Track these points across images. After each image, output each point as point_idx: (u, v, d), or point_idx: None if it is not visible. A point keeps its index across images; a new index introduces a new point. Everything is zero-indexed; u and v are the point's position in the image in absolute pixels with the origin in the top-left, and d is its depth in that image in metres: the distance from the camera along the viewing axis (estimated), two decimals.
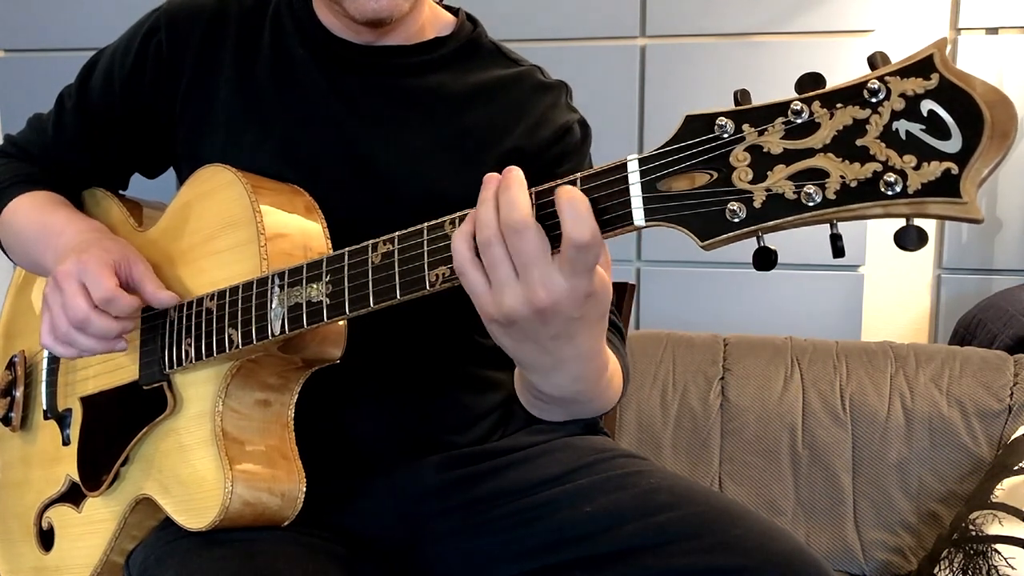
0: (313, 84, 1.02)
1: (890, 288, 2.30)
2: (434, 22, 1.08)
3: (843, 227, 2.27)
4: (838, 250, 0.62)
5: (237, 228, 0.93)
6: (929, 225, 2.24)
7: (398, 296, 0.78)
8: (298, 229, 0.93)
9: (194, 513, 0.90)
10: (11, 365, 1.19)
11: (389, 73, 1.04)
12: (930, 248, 2.26)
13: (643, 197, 0.66)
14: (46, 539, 1.08)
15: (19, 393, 1.16)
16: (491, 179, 0.73)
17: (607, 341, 0.96)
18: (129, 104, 1.07)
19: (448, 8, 1.13)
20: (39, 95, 1.32)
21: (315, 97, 1.02)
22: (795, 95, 0.61)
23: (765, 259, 0.63)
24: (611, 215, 0.68)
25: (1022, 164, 2.16)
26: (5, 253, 1.16)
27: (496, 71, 1.07)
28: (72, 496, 1.05)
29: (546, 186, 0.72)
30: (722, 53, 2.23)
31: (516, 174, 0.72)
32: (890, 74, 0.57)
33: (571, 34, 2.32)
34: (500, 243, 0.71)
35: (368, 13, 0.95)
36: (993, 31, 2.14)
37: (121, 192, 1.17)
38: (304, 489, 0.92)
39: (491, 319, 0.75)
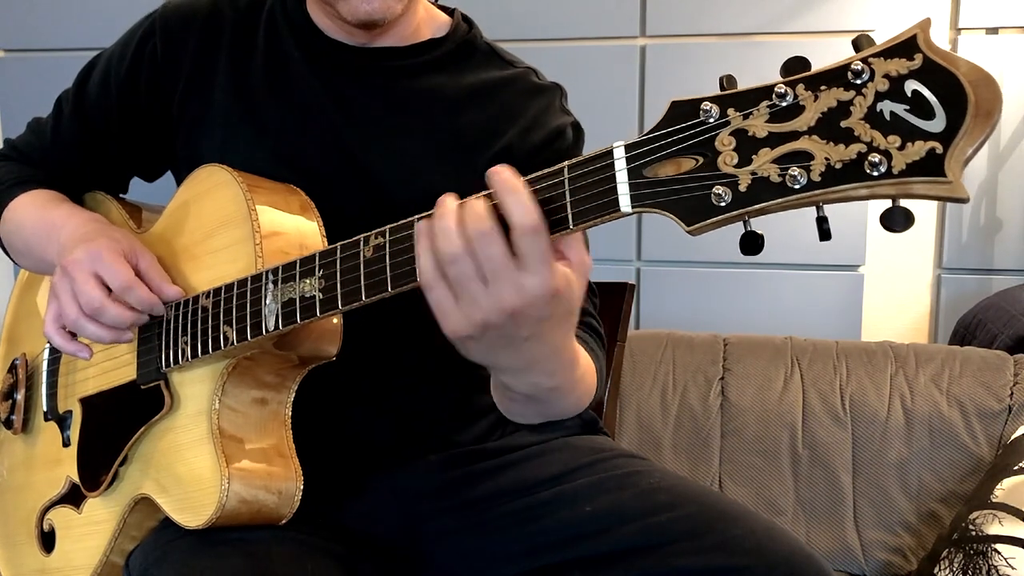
0: (307, 86, 1.03)
1: (890, 288, 2.30)
2: (429, 23, 1.08)
3: (843, 227, 2.26)
4: (824, 232, 0.61)
5: (233, 227, 0.93)
6: (929, 225, 2.24)
7: (389, 288, 0.78)
8: (294, 228, 0.93)
9: (191, 511, 0.90)
10: (13, 368, 1.19)
11: (383, 75, 1.04)
12: (930, 248, 2.26)
13: (629, 183, 0.66)
14: (47, 541, 1.08)
15: (20, 396, 1.16)
16: (446, 196, 0.72)
17: (583, 343, 0.95)
18: (126, 108, 1.07)
19: (444, 8, 1.13)
20: (39, 95, 1.32)
21: (309, 99, 1.02)
22: (780, 78, 0.61)
23: (752, 244, 0.63)
24: (598, 202, 0.68)
25: (1022, 164, 2.16)
26: (7, 254, 1.16)
27: (491, 73, 1.07)
28: (72, 497, 1.05)
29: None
30: (722, 53, 2.23)
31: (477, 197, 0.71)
32: (874, 55, 0.57)
33: (571, 34, 2.32)
34: (468, 256, 0.69)
35: (360, 15, 0.96)
36: (993, 31, 2.14)
37: (121, 196, 1.17)
38: (301, 487, 0.92)
39: (463, 335, 0.73)
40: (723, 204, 0.62)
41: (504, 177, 0.68)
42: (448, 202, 0.71)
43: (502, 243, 0.68)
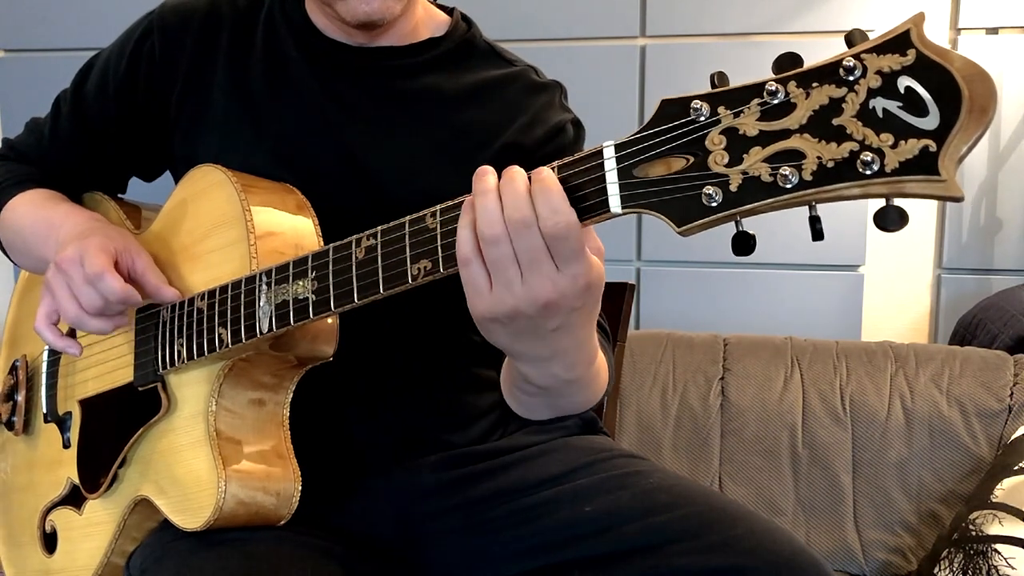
0: (306, 86, 1.03)
1: (890, 288, 2.29)
2: (428, 22, 1.08)
3: (842, 227, 2.26)
4: (817, 232, 0.60)
5: (228, 227, 0.93)
6: (929, 225, 2.24)
7: (381, 290, 0.77)
8: (289, 228, 0.93)
9: (189, 513, 0.90)
10: (14, 370, 1.19)
11: (382, 75, 1.04)
12: (930, 248, 2.26)
13: (619, 184, 0.66)
14: (49, 542, 1.08)
15: (21, 397, 1.16)
16: (486, 170, 0.72)
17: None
18: (124, 108, 1.07)
19: (443, 8, 1.13)
20: (39, 95, 1.32)
21: (308, 99, 1.02)
22: (771, 75, 0.60)
23: (743, 244, 0.63)
24: (588, 203, 0.68)
25: (1022, 164, 2.16)
26: (6, 254, 1.16)
27: (490, 71, 1.07)
28: (73, 499, 1.06)
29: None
30: (722, 53, 2.23)
31: (518, 170, 0.71)
32: (866, 51, 0.56)
33: (571, 34, 2.32)
34: (508, 241, 0.69)
35: (360, 16, 0.96)
36: (993, 31, 2.14)
37: (119, 196, 1.17)
38: (299, 488, 0.92)
39: (491, 317, 0.74)
40: (714, 204, 0.61)
41: (541, 176, 0.69)
42: (489, 179, 0.71)
43: (540, 233, 0.69)
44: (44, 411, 1.12)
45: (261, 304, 0.85)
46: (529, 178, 0.70)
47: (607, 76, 2.29)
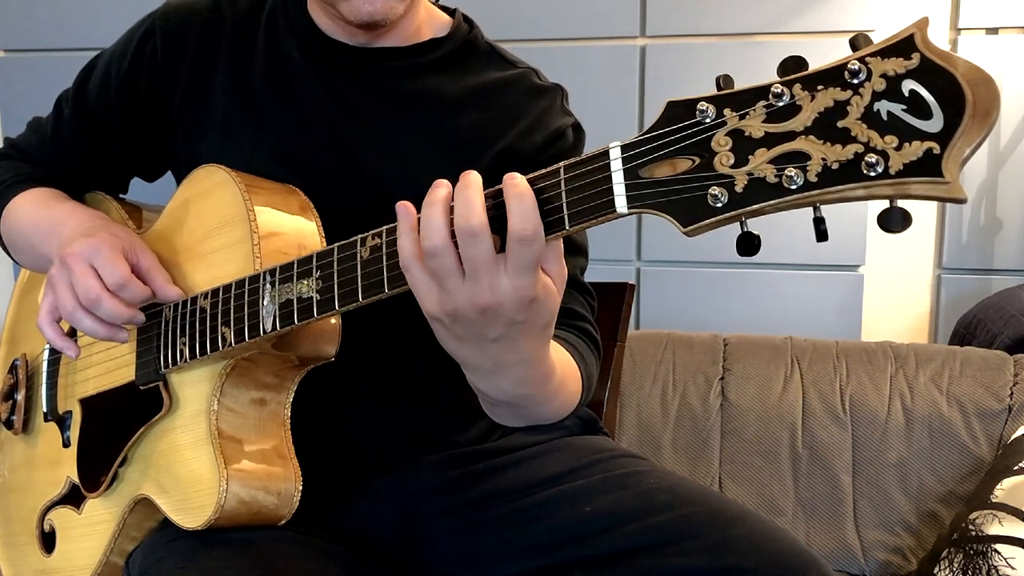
0: (308, 86, 1.03)
1: (890, 288, 2.30)
2: (430, 23, 1.08)
3: (843, 227, 2.26)
4: (821, 233, 0.61)
5: (231, 227, 0.93)
6: (929, 225, 2.24)
7: (386, 290, 0.78)
8: (292, 228, 0.93)
9: (190, 512, 0.90)
10: (13, 368, 1.19)
11: (384, 75, 1.04)
12: (930, 248, 2.26)
13: (625, 184, 0.66)
14: (48, 541, 1.08)
15: (21, 396, 1.16)
16: (439, 183, 0.72)
17: (570, 346, 0.96)
18: (126, 108, 1.07)
19: (445, 9, 1.13)
20: (39, 95, 1.32)
21: (310, 99, 1.02)
22: (776, 78, 0.60)
23: (748, 244, 0.63)
24: (594, 203, 0.68)
25: (1022, 164, 2.16)
26: (8, 253, 1.16)
27: (492, 73, 1.07)
28: (73, 498, 1.05)
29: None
30: (722, 53, 2.24)
31: (474, 177, 0.71)
32: (871, 55, 0.57)
33: (571, 34, 2.32)
34: (450, 252, 0.69)
35: (363, 15, 0.96)
36: (993, 31, 2.14)
37: (121, 196, 1.17)
38: (300, 488, 0.92)
39: (434, 318, 0.74)
40: (719, 205, 0.62)
41: (515, 182, 0.69)
42: (439, 191, 0.71)
43: (488, 243, 0.69)
44: (44, 410, 1.12)
45: (265, 303, 0.86)
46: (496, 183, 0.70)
47: (607, 76, 2.29)
